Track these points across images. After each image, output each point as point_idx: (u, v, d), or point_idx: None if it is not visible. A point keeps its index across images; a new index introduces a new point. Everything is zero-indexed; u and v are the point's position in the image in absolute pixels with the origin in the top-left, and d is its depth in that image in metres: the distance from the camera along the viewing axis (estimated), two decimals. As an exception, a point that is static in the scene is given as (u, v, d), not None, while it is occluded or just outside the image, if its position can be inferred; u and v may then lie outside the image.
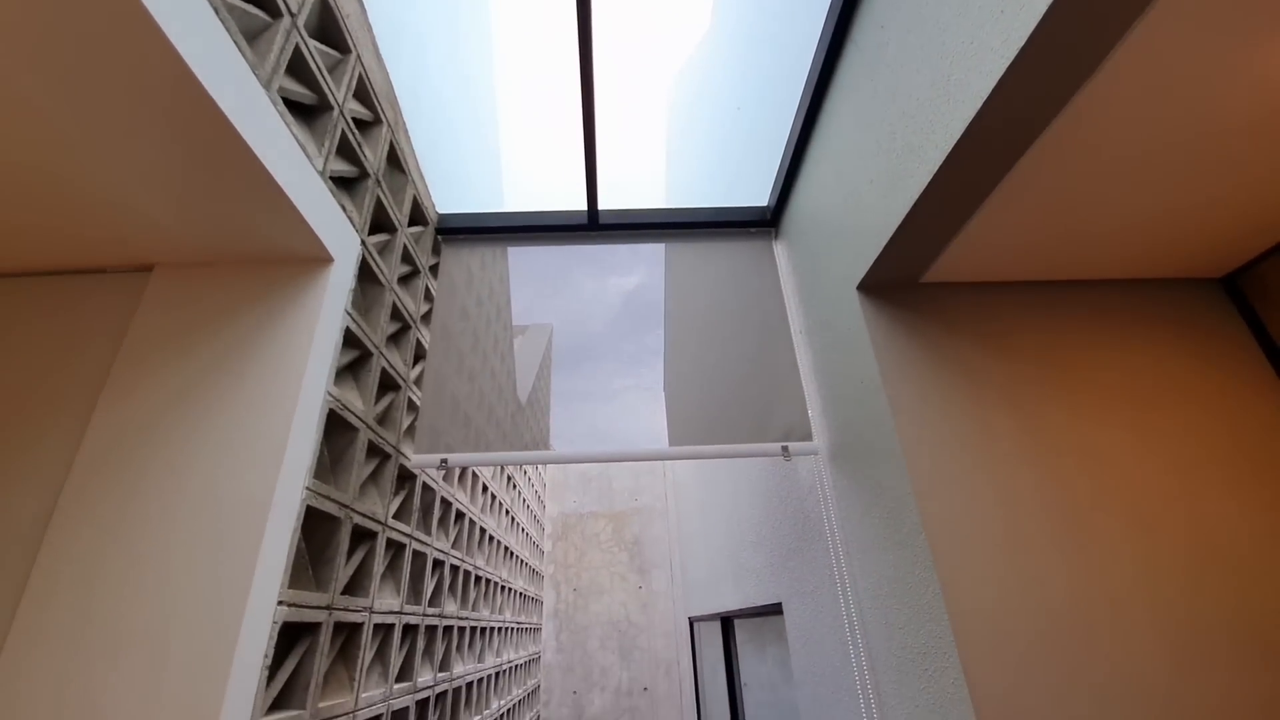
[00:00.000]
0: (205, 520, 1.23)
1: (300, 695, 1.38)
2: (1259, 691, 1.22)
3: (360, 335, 1.71)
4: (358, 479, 1.68)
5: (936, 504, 1.39)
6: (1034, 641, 1.25)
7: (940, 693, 1.31)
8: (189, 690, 1.08)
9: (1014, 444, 1.46)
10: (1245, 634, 1.27)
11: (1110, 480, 1.42)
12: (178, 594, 1.16)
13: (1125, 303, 1.69)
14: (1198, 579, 1.32)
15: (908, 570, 1.44)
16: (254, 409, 1.35)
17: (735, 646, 4.50)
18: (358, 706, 1.66)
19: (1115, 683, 1.22)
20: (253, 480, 1.27)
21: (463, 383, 2.33)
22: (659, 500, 7.85)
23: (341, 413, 1.59)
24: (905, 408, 1.51)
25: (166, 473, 1.28)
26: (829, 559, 1.98)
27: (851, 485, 1.78)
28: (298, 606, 1.35)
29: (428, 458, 2.05)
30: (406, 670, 2.14)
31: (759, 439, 2.02)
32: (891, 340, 1.60)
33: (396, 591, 2.03)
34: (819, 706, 2.23)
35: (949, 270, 1.63)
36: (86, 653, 1.11)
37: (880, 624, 1.61)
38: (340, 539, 1.57)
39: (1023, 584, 1.30)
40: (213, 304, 1.49)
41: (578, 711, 6.77)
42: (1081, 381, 1.55)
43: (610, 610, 7.25)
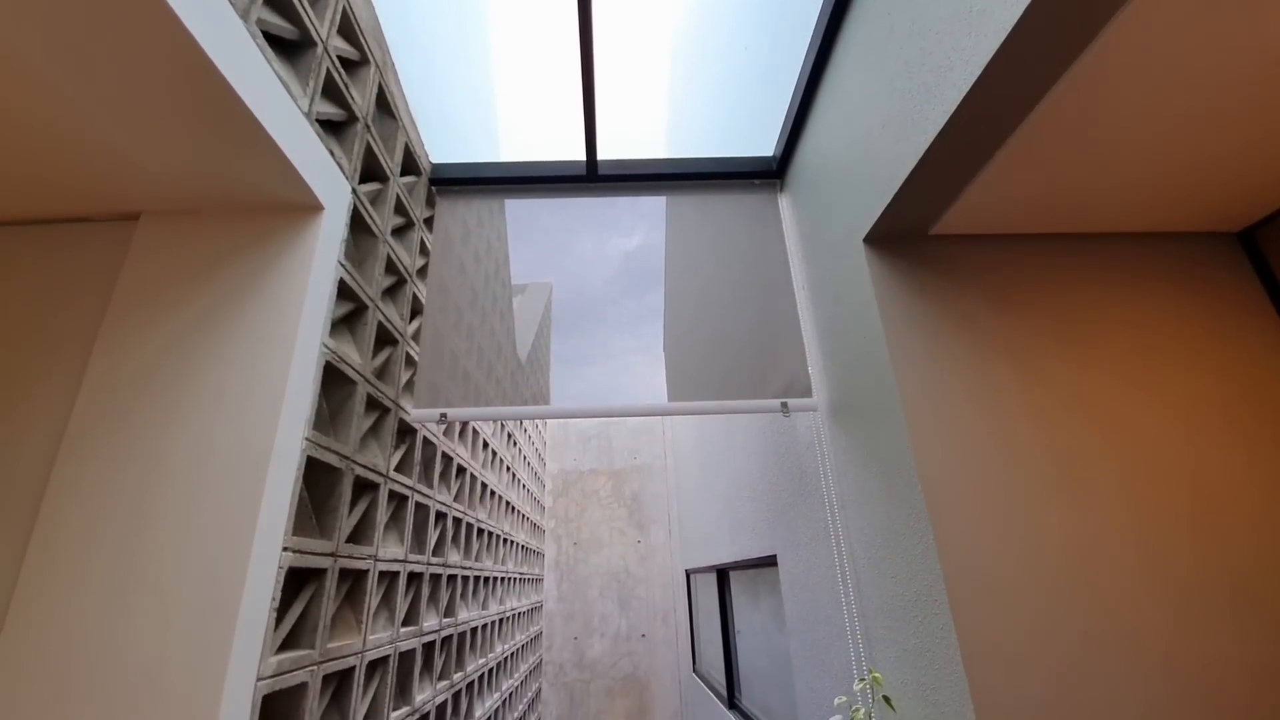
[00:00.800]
0: (206, 469, 1.23)
1: (309, 636, 1.42)
2: (1255, 643, 1.25)
3: (355, 287, 1.68)
4: (358, 432, 1.69)
5: (934, 457, 1.39)
6: (1025, 591, 1.28)
7: (928, 637, 1.35)
8: (199, 630, 1.11)
9: (1016, 398, 1.45)
10: (1244, 587, 1.29)
11: (1111, 434, 1.42)
12: (183, 540, 1.18)
13: (1137, 256, 1.65)
14: (1196, 533, 1.34)
15: (902, 522, 1.46)
16: (249, 360, 1.34)
17: (730, 596, 4.65)
18: (366, 648, 1.71)
19: (1105, 632, 1.25)
20: (252, 430, 1.27)
21: (461, 339, 2.31)
22: (658, 458, 7.96)
23: (339, 365, 1.57)
24: (907, 362, 1.49)
25: (165, 422, 1.28)
26: (824, 512, 2.01)
27: (849, 440, 1.78)
28: (302, 553, 1.38)
29: (427, 412, 2.05)
30: (412, 615, 2.20)
31: (758, 395, 2.01)
32: (896, 294, 1.57)
33: (400, 541, 2.06)
34: (810, 651, 2.31)
35: (958, 222, 1.59)
36: (95, 596, 1.13)
37: (872, 573, 1.65)
38: (342, 489, 1.58)
39: (1017, 535, 1.32)
40: (203, 253, 1.46)
41: (578, 655, 7.05)
42: (1088, 336, 1.54)
43: (610, 563, 7.45)
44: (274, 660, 1.26)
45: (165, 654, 1.09)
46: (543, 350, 2.60)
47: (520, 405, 2.31)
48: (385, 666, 1.90)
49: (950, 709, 1.27)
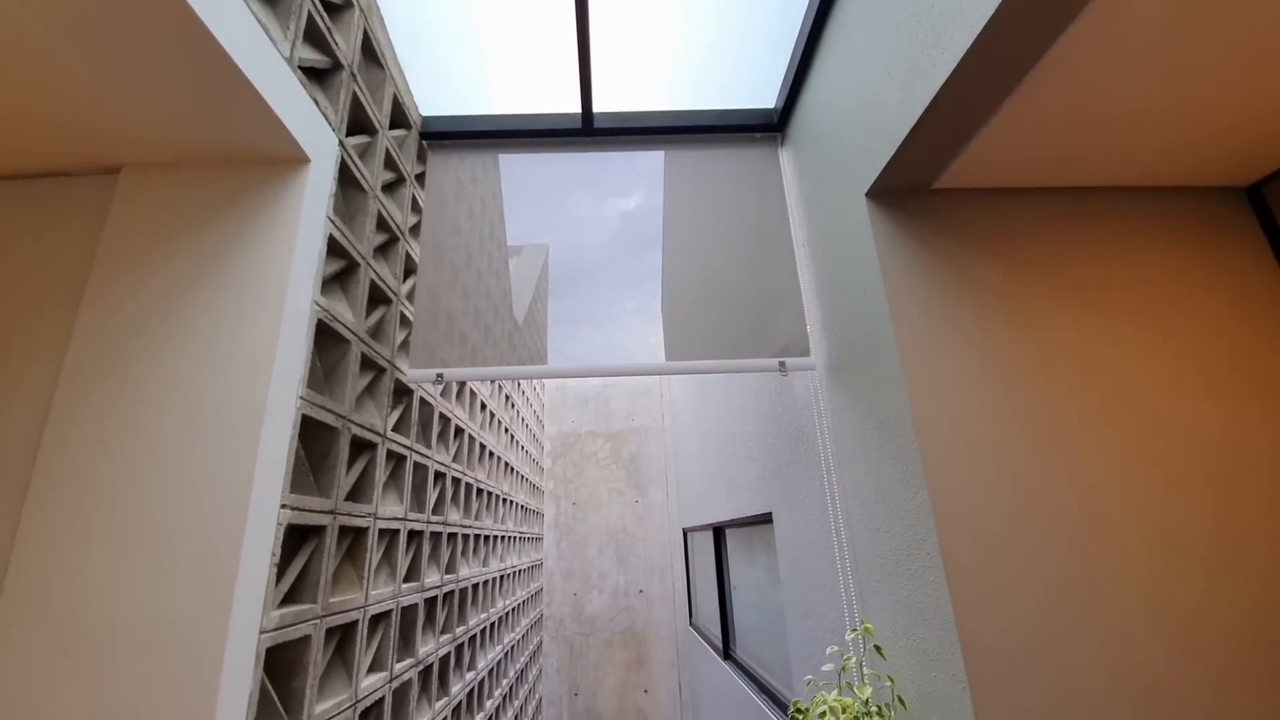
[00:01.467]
0: (200, 427, 1.23)
1: (311, 591, 1.45)
2: (1234, 597, 1.28)
3: (345, 244, 1.64)
4: (353, 391, 1.68)
5: (931, 414, 1.39)
6: (1016, 544, 1.29)
7: (920, 590, 1.38)
8: (200, 584, 1.12)
9: (1015, 355, 1.45)
10: (1227, 545, 1.31)
11: (1109, 392, 1.42)
12: (180, 498, 1.18)
13: (1142, 211, 1.62)
14: (1185, 490, 1.35)
15: (897, 478, 1.47)
16: (239, 316, 1.31)
17: (726, 554, 4.75)
18: (368, 602, 1.75)
19: (1092, 584, 1.27)
20: (244, 387, 1.26)
21: (457, 299, 2.28)
22: (656, 420, 8.02)
23: (331, 324, 1.55)
24: (907, 319, 1.48)
25: (156, 379, 1.26)
26: (819, 470, 2.03)
27: (847, 399, 1.78)
28: (301, 510, 1.38)
29: (424, 372, 2.04)
30: (414, 571, 2.24)
31: (756, 354, 2.00)
32: (898, 250, 1.54)
33: (400, 500, 2.08)
34: (803, 604, 2.37)
35: (963, 175, 1.55)
36: (94, 552, 1.14)
37: (866, 529, 1.67)
38: (339, 448, 1.58)
39: (1011, 490, 1.33)
40: (187, 207, 1.41)
41: (578, 610, 7.26)
42: (1090, 292, 1.52)
43: (608, 522, 7.60)
44: (276, 614, 1.28)
45: (167, 608, 1.11)
46: (540, 312, 2.57)
47: (517, 366, 2.30)
48: (388, 621, 1.94)
49: (939, 656, 1.31)
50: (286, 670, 1.37)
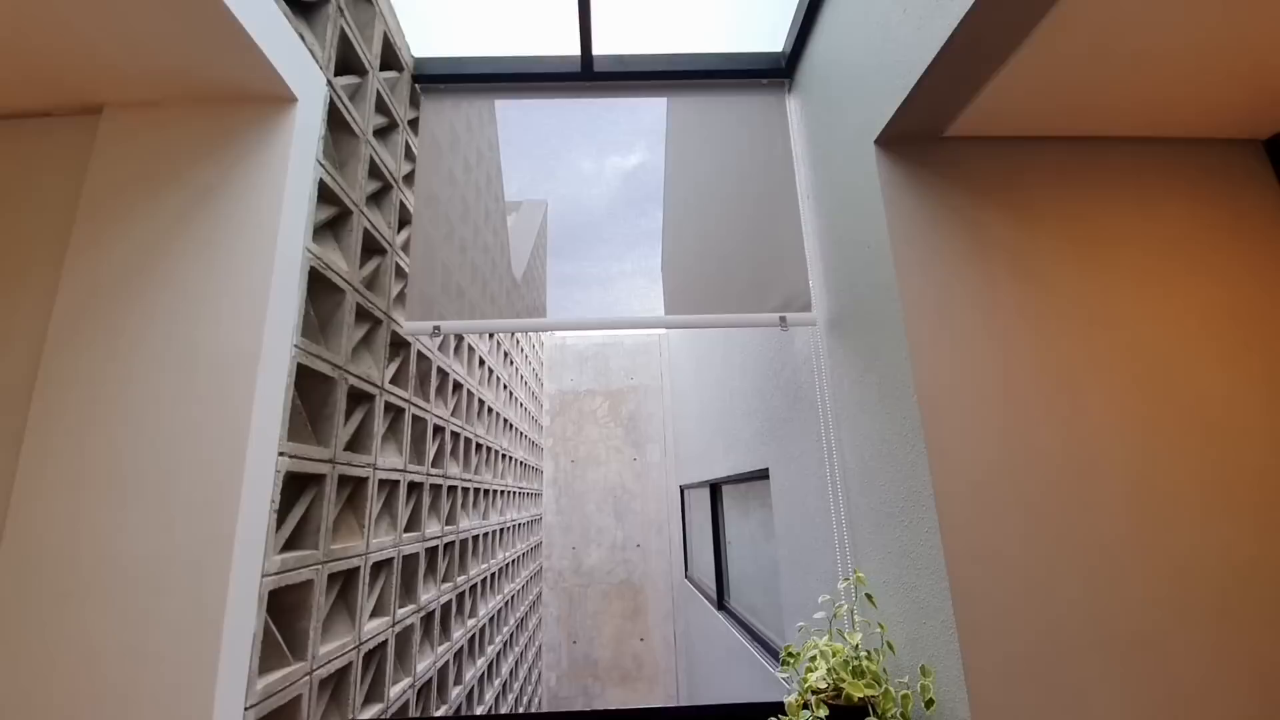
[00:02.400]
0: (194, 373, 1.21)
1: (312, 538, 1.47)
2: (1227, 551, 1.29)
3: (336, 190, 1.60)
4: (349, 342, 1.66)
5: (932, 367, 1.38)
6: (1010, 495, 1.30)
7: (913, 540, 1.40)
8: (201, 528, 1.13)
9: (1019, 309, 1.42)
10: (1223, 501, 1.32)
11: (1114, 346, 1.41)
12: (176, 444, 1.18)
13: (1157, 163, 1.56)
14: (1183, 446, 1.35)
15: (895, 431, 1.47)
16: (229, 262, 1.28)
17: (722, 510, 4.84)
18: (369, 550, 1.78)
19: (1083, 534, 1.28)
20: (237, 334, 1.24)
21: (453, 253, 2.23)
22: (654, 379, 8.05)
23: (324, 272, 1.52)
24: (911, 272, 1.45)
25: (147, 326, 1.24)
26: (817, 426, 2.04)
27: (847, 354, 1.77)
28: (299, 459, 1.39)
29: (420, 324, 2.02)
30: (414, 522, 2.28)
31: (757, 309, 1.98)
32: (904, 200, 1.50)
33: (399, 452, 2.10)
34: (797, 556, 2.42)
35: (976, 122, 1.49)
36: (94, 497, 1.14)
37: (862, 482, 1.68)
38: (336, 398, 1.57)
39: (1009, 443, 1.33)
40: (172, 149, 1.36)
41: (577, 563, 7.46)
42: (1098, 245, 1.48)
43: (606, 479, 7.72)
44: (278, 559, 1.30)
45: (169, 551, 1.12)
46: (538, 270, 2.53)
47: (515, 325, 2.27)
48: (389, 568, 1.98)
49: (930, 603, 1.34)
50: (290, 613, 1.40)
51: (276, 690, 1.26)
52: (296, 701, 1.35)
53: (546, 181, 2.41)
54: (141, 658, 1.07)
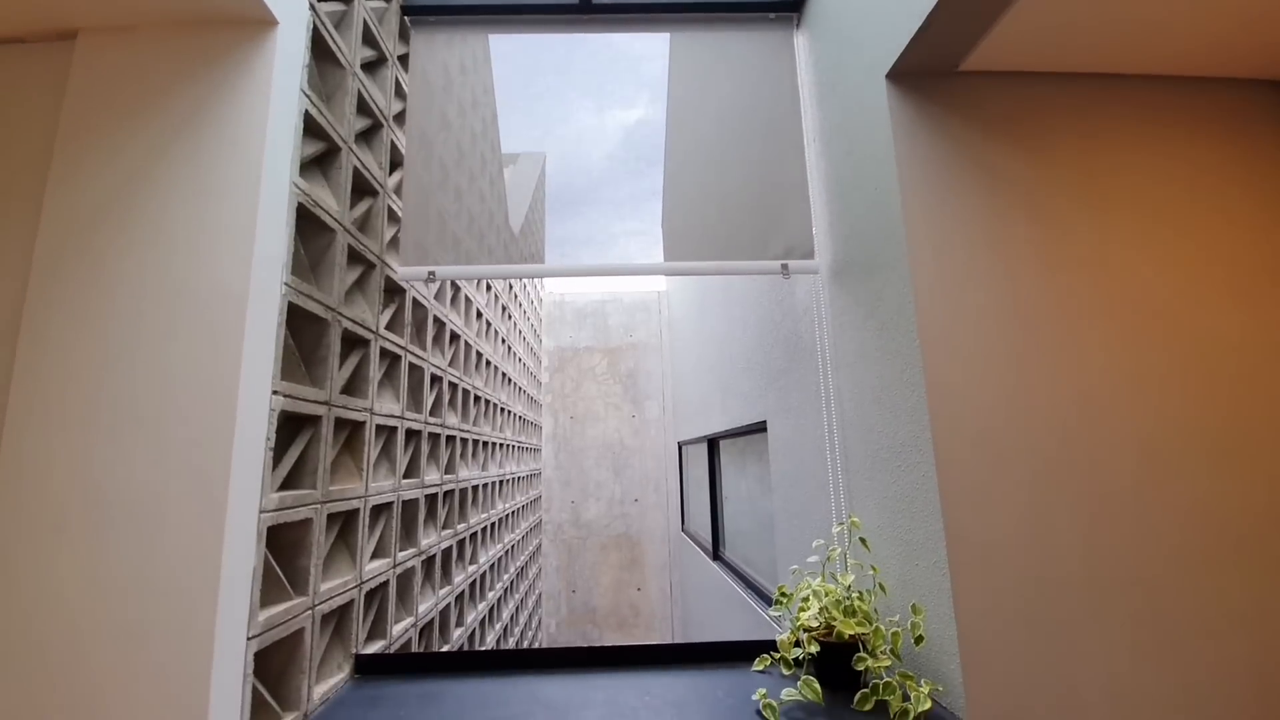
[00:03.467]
0: (181, 308, 1.19)
1: (310, 478, 1.47)
2: (1238, 499, 1.29)
3: (323, 123, 1.53)
4: (341, 284, 1.62)
5: (935, 311, 1.36)
6: (1010, 441, 1.30)
7: (909, 484, 1.40)
8: (195, 462, 1.13)
9: (1029, 250, 1.39)
10: (1230, 446, 1.32)
11: (1123, 290, 1.38)
12: (167, 379, 1.16)
13: (1174, 102, 1.50)
14: (1192, 392, 1.34)
15: (895, 376, 1.46)
16: (213, 195, 1.24)
17: (719, 465, 4.90)
18: (369, 493, 1.79)
19: (1081, 480, 1.29)
20: (224, 269, 1.20)
21: (448, 200, 2.16)
22: (654, 336, 8.02)
23: (313, 209, 1.47)
24: (918, 214, 1.41)
25: (131, 260, 1.21)
26: (816, 377, 2.02)
27: (849, 301, 1.74)
28: (294, 398, 1.37)
29: (415, 270, 1.98)
30: (413, 468, 2.29)
31: (759, 256, 1.93)
32: (915, 138, 1.44)
33: (396, 399, 2.09)
34: (792, 506, 2.45)
35: (991, 56, 1.42)
36: (85, 432, 1.13)
37: (859, 429, 1.68)
38: (330, 340, 1.55)
39: (1010, 388, 1.32)
40: (151, 75, 1.30)
41: (575, 517, 7.61)
42: (1112, 186, 1.43)
43: (605, 435, 7.79)
44: (275, 496, 1.30)
45: (164, 486, 1.12)
46: (536, 224, 2.47)
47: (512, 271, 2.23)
48: (389, 512, 2.00)
49: (922, 546, 1.35)
50: (290, 550, 1.41)
51: (278, 622, 1.29)
52: (299, 634, 1.38)
53: (545, 136, 2.33)
54: (142, 588, 1.08)
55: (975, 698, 1.19)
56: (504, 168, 2.57)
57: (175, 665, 1.06)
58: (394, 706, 1.42)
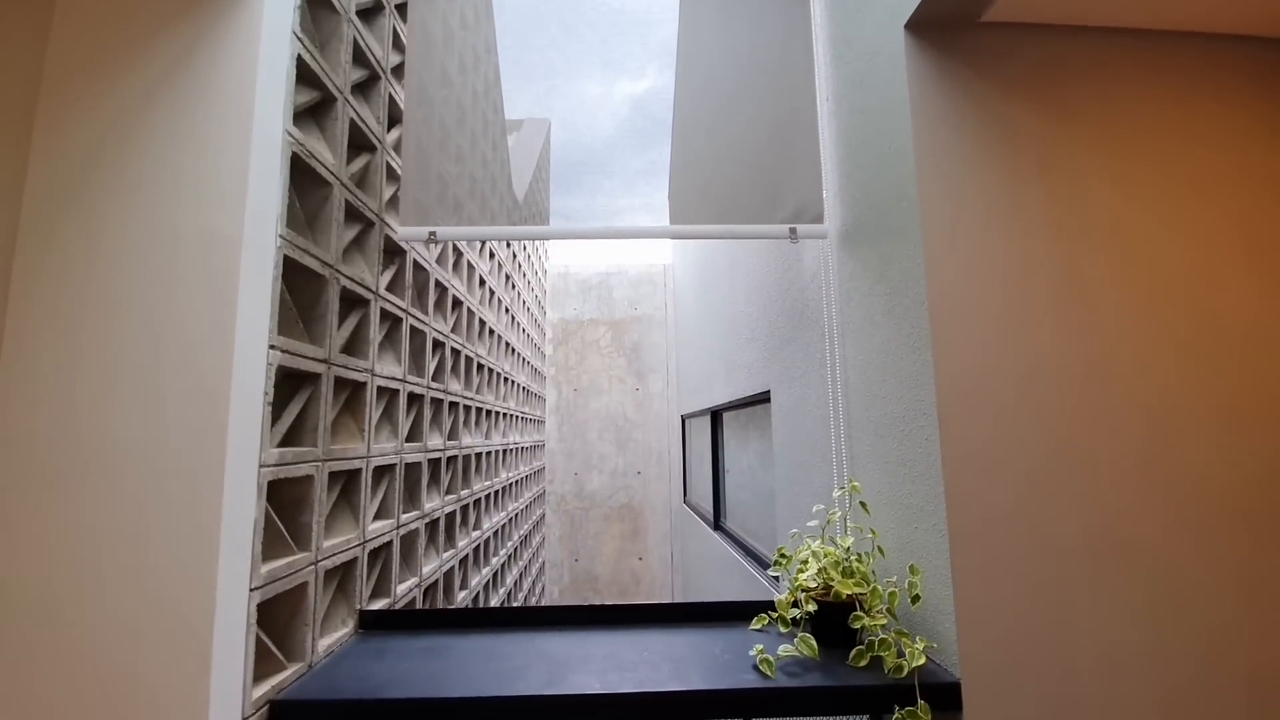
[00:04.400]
0: (174, 257, 1.16)
1: (310, 436, 1.47)
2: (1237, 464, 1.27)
3: (317, 70, 1.48)
4: (339, 241, 1.60)
5: (946, 274, 1.32)
6: (1015, 406, 1.28)
7: (911, 449, 1.39)
8: (193, 415, 1.12)
9: (1045, 213, 1.35)
10: (1238, 414, 1.29)
11: (1139, 256, 1.34)
12: (161, 329, 1.14)
13: (1203, 60, 1.44)
14: (1200, 359, 1.31)
15: (902, 341, 1.43)
16: (204, 141, 1.20)
17: (721, 439, 4.91)
18: (370, 453, 1.79)
19: (1084, 445, 1.27)
20: (216, 218, 1.18)
21: (449, 163, 2.11)
22: (658, 310, 7.98)
23: (308, 160, 1.44)
24: (933, 173, 1.36)
25: (122, 208, 1.18)
26: (822, 344, 2.00)
27: (858, 267, 1.70)
28: (291, 354, 1.36)
29: (415, 230, 1.94)
30: (416, 433, 2.29)
31: (766, 220, 1.89)
32: (932, 92, 1.39)
33: (398, 362, 2.08)
34: (794, 473, 2.45)
35: (1015, 7, 1.36)
36: (81, 382, 1.12)
37: (864, 396, 1.66)
38: (329, 298, 1.53)
39: (1019, 353, 1.29)
40: (139, 16, 1.25)
41: (579, 488, 7.69)
42: (1133, 148, 1.38)
43: (608, 408, 7.82)
44: (275, 451, 1.30)
45: (162, 437, 1.11)
46: (540, 193, 2.42)
47: (515, 233, 2.19)
48: (392, 474, 2.01)
49: (922, 509, 1.34)
50: (292, 506, 1.42)
51: (281, 575, 1.30)
52: (303, 588, 1.40)
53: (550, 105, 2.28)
54: (142, 539, 1.09)
55: (969, 655, 1.19)
56: (508, 134, 2.52)
57: (178, 613, 1.07)
58: (397, 658, 1.44)
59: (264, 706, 1.21)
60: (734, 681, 1.26)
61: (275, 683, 1.26)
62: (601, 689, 1.24)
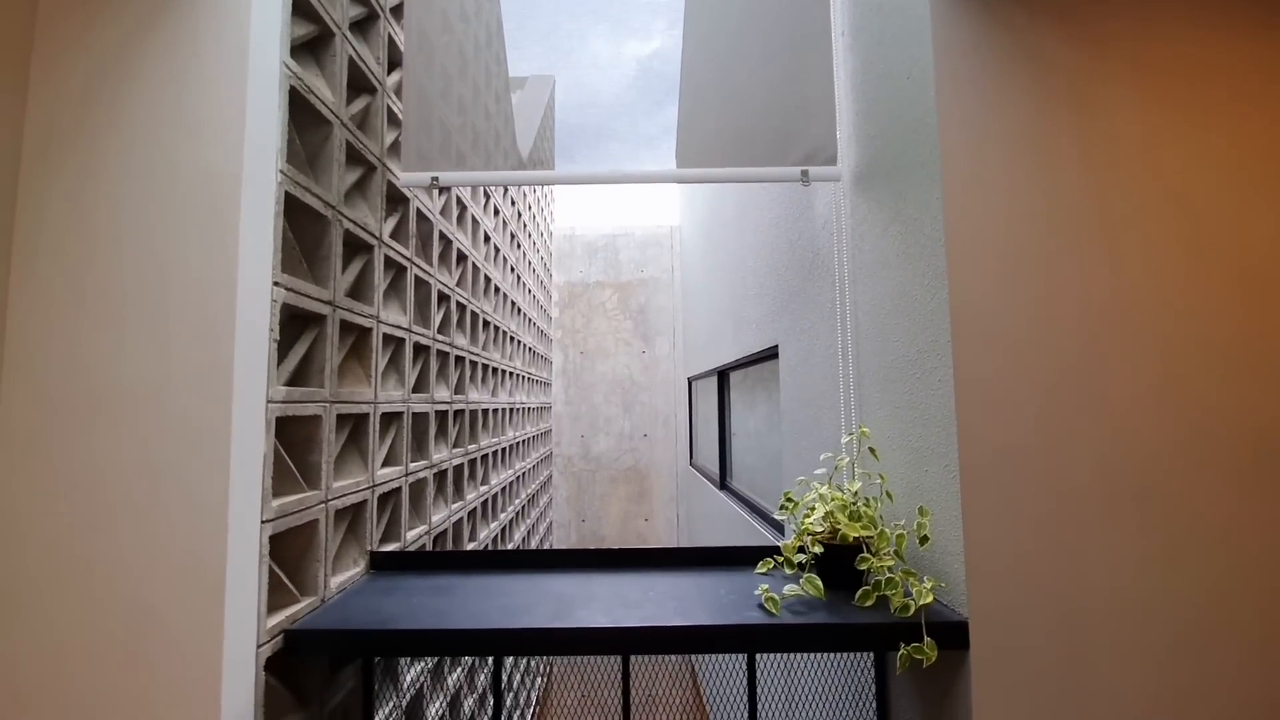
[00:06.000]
0: (174, 190, 1.14)
1: (317, 377, 1.47)
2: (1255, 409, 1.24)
3: (314, 2, 1.43)
4: (341, 182, 1.56)
5: (965, 209, 1.28)
6: (1032, 344, 1.25)
7: (923, 391, 1.37)
8: (198, 349, 1.12)
9: (1070, 148, 1.29)
10: (1256, 356, 1.25)
11: (1165, 191, 1.28)
12: (165, 262, 1.13)
13: (1255, -16, 1.35)
14: (1222, 302, 1.26)
15: (916, 282, 1.40)
16: (199, 72, 1.17)
17: (728, 395, 4.91)
18: (378, 399, 1.80)
19: (1103, 387, 1.24)
20: (216, 153, 1.15)
21: (451, 112, 2.05)
22: (665, 272, 7.90)
23: (306, 95, 1.40)
24: (954, 101, 1.30)
25: (121, 143, 1.15)
26: (831, 292, 1.96)
27: (872, 208, 1.66)
28: (296, 293, 1.35)
29: (418, 175, 1.90)
30: (423, 383, 2.30)
31: (777, 162, 1.83)
32: (956, 18, 1.31)
33: (403, 311, 2.07)
34: (801, 427, 2.45)
35: (1050, -80, 1.27)
36: (87, 315, 1.12)
37: (875, 340, 1.64)
38: (332, 239, 1.51)
39: (1037, 290, 1.26)
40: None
41: (585, 450, 7.76)
42: (1166, 77, 1.31)
43: (615, 371, 7.83)
44: (282, 389, 1.30)
45: (169, 370, 1.11)
46: (545, 153, 2.35)
47: (520, 178, 2.14)
48: (399, 422, 2.02)
49: (934, 452, 1.33)
50: (301, 445, 1.43)
51: (291, 511, 1.31)
52: (314, 525, 1.42)
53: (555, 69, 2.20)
54: (151, 472, 1.09)
55: (978, 594, 1.19)
56: (511, 92, 2.45)
57: (190, 543, 1.09)
58: (407, 595, 1.47)
59: (278, 635, 1.24)
60: (739, 618, 1.28)
61: (289, 614, 1.29)
62: (607, 623, 1.26)
